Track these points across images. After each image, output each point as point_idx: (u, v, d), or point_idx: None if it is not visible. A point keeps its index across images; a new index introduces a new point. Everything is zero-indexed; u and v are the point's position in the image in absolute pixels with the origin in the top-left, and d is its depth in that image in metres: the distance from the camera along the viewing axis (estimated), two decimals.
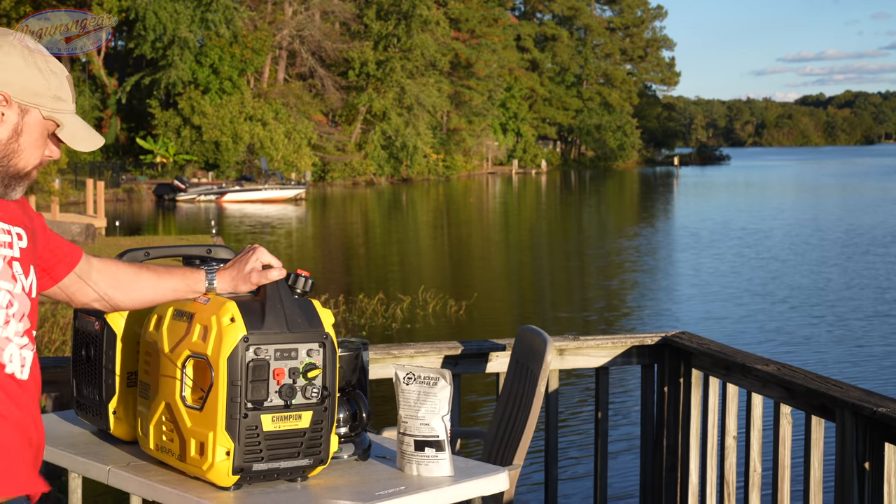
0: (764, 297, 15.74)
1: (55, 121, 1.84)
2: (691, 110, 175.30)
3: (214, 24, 51.57)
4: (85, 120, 13.78)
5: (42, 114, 1.81)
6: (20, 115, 1.79)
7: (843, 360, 11.32)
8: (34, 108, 1.80)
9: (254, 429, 2.07)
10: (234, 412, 2.05)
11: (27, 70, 1.78)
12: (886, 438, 2.72)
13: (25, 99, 1.78)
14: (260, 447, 2.08)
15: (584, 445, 7.81)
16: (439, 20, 61.94)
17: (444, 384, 2.26)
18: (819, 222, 30.04)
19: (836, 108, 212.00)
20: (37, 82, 1.79)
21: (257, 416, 2.07)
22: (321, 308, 2.17)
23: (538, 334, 3.34)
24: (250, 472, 2.09)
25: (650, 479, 3.90)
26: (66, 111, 1.86)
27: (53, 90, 1.82)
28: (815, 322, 13.58)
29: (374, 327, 13.05)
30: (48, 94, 1.81)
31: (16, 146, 1.79)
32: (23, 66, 1.78)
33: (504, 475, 2.27)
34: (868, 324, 13.49)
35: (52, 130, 1.85)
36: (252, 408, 2.07)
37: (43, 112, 1.81)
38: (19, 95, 1.78)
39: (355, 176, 58.00)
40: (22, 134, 1.79)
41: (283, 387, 2.09)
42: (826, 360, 11.25)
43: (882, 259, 20.61)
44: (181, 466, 2.12)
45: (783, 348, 11.83)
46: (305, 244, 26.60)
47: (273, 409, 2.09)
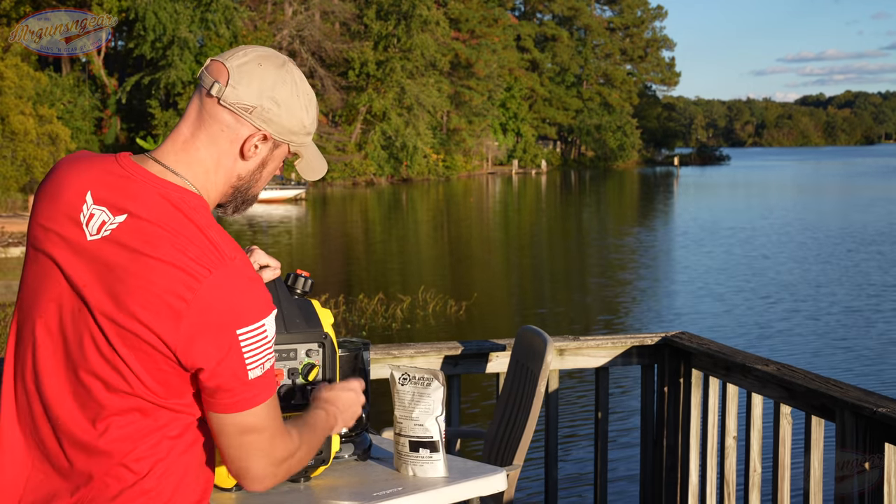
0: (764, 297, 15.74)
1: (298, 153, 1.88)
2: (691, 110, 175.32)
3: (214, 24, 51.59)
4: (85, 120, 13.71)
5: (290, 148, 1.84)
6: (271, 149, 1.81)
7: (844, 360, 11.32)
8: (284, 144, 1.82)
9: None
10: None
11: (293, 111, 1.79)
12: (886, 438, 2.71)
13: (282, 137, 1.80)
14: None
15: (584, 445, 7.80)
16: (439, 20, 61.94)
17: (438, 385, 2.25)
18: (819, 222, 30.03)
19: (836, 108, 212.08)
20: (297, 122, 1.81)
21: None
22: (320, 308, 2.17)
23: (538, 334, 3.34)
24: None
25: (650, 479, 3.90)
26: (309, 143, 1.89)
27: (308, 127, 1.84)
28: (816, 322, 13.58)
29: (374, 327, 13.05)
30: (303, 132, 1.83)
31: (259, 176, 1.82)
32: (291, 106, 1.79)
33: (502, 476, 2.27)
34: (869, 324, 13.49)
35: (289, 158, 1.89)
36: None
37: (291, 147, 1.84)
38: (278, 134, 1.79)
39: (355, 176, 58.02)
40: (267, 165, 1.82)
41: (283, 387, 2.09)
42: (826, 360, 11.25)
43: (880, 259, 20.61)
44: None
45: (783, 348, 11.83)
46: (305, 244, 26.60)
47: None
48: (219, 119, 1.74)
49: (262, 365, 1.65)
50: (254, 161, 1.79)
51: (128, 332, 1.60)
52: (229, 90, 1.73)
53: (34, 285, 1.71)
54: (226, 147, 1.75)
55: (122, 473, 1.64)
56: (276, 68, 1.78)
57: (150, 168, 1.71)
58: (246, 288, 1.64)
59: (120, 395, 1.63)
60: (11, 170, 33.08)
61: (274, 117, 1.77)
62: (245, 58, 1.76)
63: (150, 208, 1.65)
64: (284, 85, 1.78)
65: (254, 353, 1.64)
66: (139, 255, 1.61)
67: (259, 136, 1.76)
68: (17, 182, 33.23)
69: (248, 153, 1.77)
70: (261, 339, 1.64)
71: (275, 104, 1.76)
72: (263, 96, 1.75)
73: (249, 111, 1.74)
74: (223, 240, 1.66)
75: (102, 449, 1.64)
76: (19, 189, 33.12)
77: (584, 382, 9.54)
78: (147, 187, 1.68)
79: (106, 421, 1.64)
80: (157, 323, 1.59)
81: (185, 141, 1.75)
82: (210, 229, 1.66)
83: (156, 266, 1.60)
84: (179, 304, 1.59)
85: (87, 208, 1.67)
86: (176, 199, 1.67)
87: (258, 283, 1.67)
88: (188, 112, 1.76)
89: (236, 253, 1.66)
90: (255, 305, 1.64)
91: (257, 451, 1.69)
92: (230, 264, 1.63)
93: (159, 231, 1.63)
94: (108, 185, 1.69)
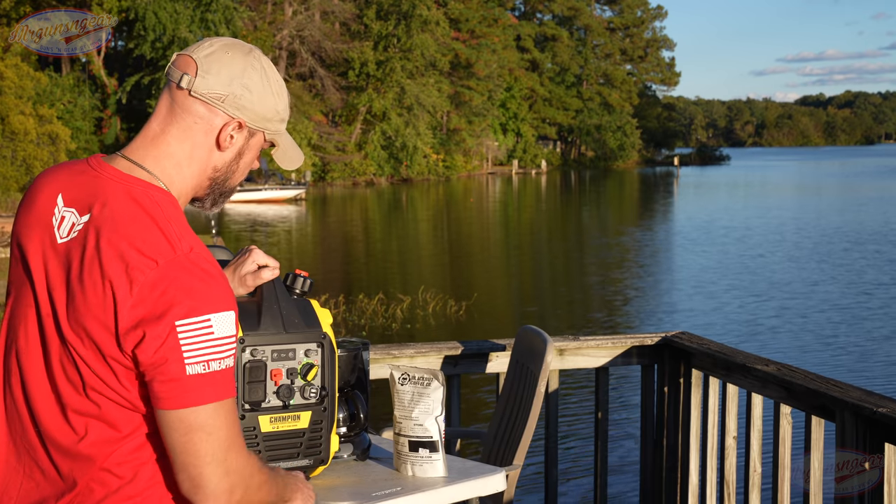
0: (764, 296, 15.74)
1: (274, 141, 1.87)
2: (691, 110, 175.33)
3: (214, 25, 51.56)
4: (85, 120, 13.71)
5: (265, 136, 1.83)
6: (247, 138, 1.80)
7: (844, 360, 11.32)
8: (260, 132, 1.82)
9: (252, 430, 2.07)
10: None
11: (265, 97, 1.79)
12: (886, 438, 2.71)
13: (256, 124, 1.80)
14: (258, 448, 2.07)
15: (584, 446, 7.80)
16: (439, 20, 61.94)
17: (437, 385, 2.25)
18: (819, 222, 30.03)
19: (836, 108, 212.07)
20: (269, 108, 1.80)
21: (255, 417, 2.07)
22: (319, 308, 2.17)
23: (538, 334, 3.34)
24: None
25: (650, 479, 3.89)
26: (284, 132, 1.88)
27: (281, 113, 1.84)
28: (816, 322, 13.58)
29: (374, 327, 13.05)
30: (276, 118, 1.83)
31: (235, 167, 1.81)
32: (263, 92, 1.79)
33: (501, 476, 2.27)
34: (870, 324, 13.49)
35: (265, 147, 1.87)
36: (249, 409, 2.06)
37: (266, 135, 1.83)
38: (252, 121, 1.79)
39: (355, 176, 58.02)
40: (243, 155, 1.81)
41: (281, 387, 2.09)
42: (826, 360, 11.25)
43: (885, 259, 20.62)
44: None
45: (783, 348, 11.82)
46: (305, 244, 26.60)
47: (271, 410, 2.08)
48: (191, 111, 1.73)
49: (204, 363, 1.58)
50: (230, 151, 1.78)
51: (85, 333, 1.59)
52: (199, 80, 1.73)
53: (16, 290, 1.72)
54: (200, 139, 1.75)
55: (106, 478, 1.63)
56: (243, 55, 1.78)
57: (117, 165, 1.71)
58: (194, 280, 1.59)
59: (92, 398, 1.62)
60: (11, 170, 33.08)
61: (247, 104, 1.76)
62: (211, 48, 1.76)
63: (112, 205, 1.64)
64: (254, 71, 1.77)
65: (194, 347, 1.57)
66: (94, 252, 1.60)
67: (234, 124, 1.76)
68: (17, 182, 33.22)
69: (224, 143, 1.76)
70: (203, 335, 1.58)
71: (246, 90, 1.76)
72: (234, 83, 1.74)
73: (222, 99, 1.74)
74: (180, 233, 1.63)
75: (84, 453, 1.63)
76: (19, 189, 33.10)
77: (584, 382, 9.54)
78: (112, 184, 1.67)
79: (84, 425, 1.63)
80: (105, 318, 1.57)
81: (154, 136, 1.74)
82: (169, 222, 1.63)
83: (106, 261, 1.58)
84: (124, 295, 1.56)
85: (58, 211, 1.68)
86: (138, 194, 1.66)
87: (214, 279, 1.62)
88: (158, 108, 1.76)
89: (192, 246, 1.63)
90: (200, 299, 1.59)
91: (208, 455, 1.59)
92: (181, 256, 1.60)
93: (113, 225, 1.61)
94: (77, 185, 1.69)
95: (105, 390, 1.61)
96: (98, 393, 1.61)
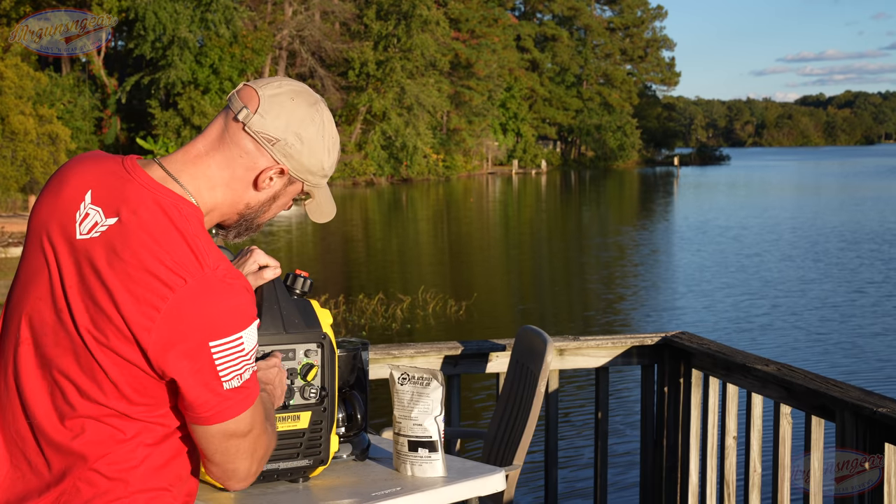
0: (764, 296, 15.74)
1: (311, 193, 1.87)
2: (691, 110, 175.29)
3: (214, 24, 51.57)
4: (85, 120, 13.67)
5: (304, 186, 1.84)
6: (285, 184, 1.80)
7: (844, 360, 11.32)
8: (300, 182, 1.82)
9: None
10: None
11: (315, 151, 1.79)
12: (886, 438, 2.71)
13: (299, 174, 1.79)
14: None
15: (584, 445, 7.80)
16: (439, 20, 61.92)
17: (437, 385, 2.25)
18: (819, 222, 30.03)
19: (836, 108, 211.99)
20: (316, 162, 1.80)
21: None
22: (319, 308, 2.17)
23: (538, 334, 3.34)
24: None
25: (650, 479, 3.89)
26: (324, 185, 1.88)
27: (326, 170, 1.84)
28: (816, 322, 13.58)
29: (374, 328, 13.04)
30: (320, 173, 1.83)
31: (267, 208, 1.81)
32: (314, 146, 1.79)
33: (500, 476, 2.27)
34: (871, 325, 13.49)
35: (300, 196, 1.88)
36: None
37: (305, 186, 1.83)
38: (296, 171, 1.79)
39: (355, 176, 58.02)
40: (278, 199, 1.82)
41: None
42: (826, 360, 11.25)
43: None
44: None
45: (783, 348, 11.83)
46: (305, 244, 26.60)
47: None
48: (239, 144, 1.73)
49: (238, 376, 1.63)
50: (265, 193, 1.78)
51: (104, 338, 1.59)
52: (257, 118, 1.73)
53: (25, 280, 1.70)
54: (240, 173, 1.74)
55: (95, 478, 1.63)
56: (307, 105, 1.78)
57: (152, 173, 1.70)
58: (223, 299, 1.60)
59: (94, 399, 1.61)
60: (11, 170, 33.08)
61: (295, 153, 1.76)
62: (279, 89, 1.76)
63: (141, 213, 1.63)
64: (312, 124, 1.78)
65: (228, 365, 1.61)
66: (118, 260, 1.59)
67: (276, 169, 1.76)
68: (17, 182, 33.22)
69: (262, 184, 1.76)
70: (236, 352, 1.62)
71: (299, 140, 1.76)
72: (289, 131, 1.75)
73: (272, 143, 1.74)
74: (208, 250, 1.63)
75: (76, 451, 1.62)
76: (19, 189, 33.11)
77: (584, 382, 9.54)
78: (143, 191, 1.66)
79: (80, 423, 1.62)
80: (131, 330, 1.57)
81: (197, 155, 1.73)
82: (197, 238, 1.63)
83: (132, 272, 1.58)
84: (152, 312, 1.57)
85: (84, 207, 1.66)
86: (168, 206, 1.65)
87: (240, 295, 1.63)
88: (209, 130, 1.75)
89: (219, 263, 1.63)
90: (231, 317, 1.61)
91: (242, 453, 1.69)
92: (209, 274, 1.60)
93: (142, 236, 1.61)
94: (107, 185, 1.67)
95: (115, 396, 1.62)
96: (103, 397, 1.61)
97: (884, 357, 11.52)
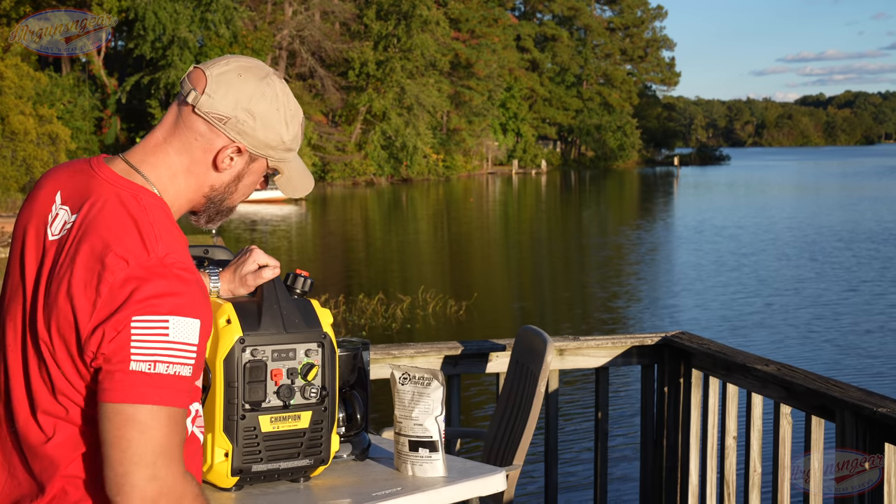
0: (764, 296, 15.74)
1: (277, 168, 1.83)
2: (691, 110, 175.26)
3: (214, 24, 51.58)
4: (85, 120, 13.58)
5: (268, 163, 1.80)
6: (247, 162, 1.77)
7: (844, 360, 11.32)
8: (262, 158, 1.79)
9: (252, 430, 2.07)
10: (232, 413, 2.05)
11: (271, 125, 1.76)
12: (886, 438, 2.71)
13: (258, 150, 1.76)
14: (259, 448, 2.07)
15: (584, 445, 7.80)
16: (439, 20, 61.93)
17: (437, 385, 2.25)
18: (818, 221, 30.03)
19: (836, 108, 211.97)
20: (274, 136, 1.77)
21: (255, 418, 2.07)
22: (320, 308, 2.17)
23: (538, 334, 3.34)
24: (250, 473, 2.08)
25: (650, 479, 3.89)
26: (291, 159, 1.84)
27: (288, 143, 1.80)
28: (816, 322, 13.58)
29: (374, 327, 13.05)
30: (281, 147, 1.79)
31: (234, 189, 1.78)
32: (269, 120, 1.75)
33: (501, 476, 2.27)
34: (871, 325, 13.49)
35: (269, 172, 1.84)
36: (250, 409, 2.06)
37: (270, 162, 1.80)
38: (254, 148, 1.76)
39: (355, 176, 58.02)
40: (243, 178, 1.79)
41: (282, 387, 2.08)
42: (827, 359, 11.25)
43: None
44: None
45: (783, 348, 11.82)
46: (305, 244, 26.60)
47: (271, 410, 2.08)
48: (193, 128, 1.72)
49: (150, 362, 1.53)
50: (228, 173, 1.76)
51: (57, 333, 1.58)
52: (205, 98, 1.71)
53: (9, 286, 1.72)
54: (199, 156, 1.73)
55: (77, 481, 1.61)
56: (257, 80, 1.75)
57: (115, 167, 1.70)
58: (161, 282, 1.56)
59: (60, 401, 1.60)
60: (11, 170, 33.09)
61: (249, 130, 1.73)
62: (226, 67, 1.74)
63: (100, 206, 1.63)
64: (263, 98, 1.74)
65: (143, 344, 1.53)
66: (78, 254, 1.59)
67: (233, 148, 1.73)
68: (17, 182, 33.22)
69: (222, 165, 1.74)
70: (156, 334, 1.54)
71: (250, 116, 1.73)
72: (239, 108, 1.72)
73: (223, 122, 1.72)
74: (161, 238, 1.61)
75: (49, 455, 1.61)
76: (19, 189, 33.11)
77: (584, 382, 9.54)
78: (105, 186, 1.66)
79: (53, 426, 1.61)
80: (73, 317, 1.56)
81: (156, 144, 1.73)
82: (151, 226, 1.61)
83: (86, 263, 1.57)
84: (94, 295, 1.55)
85: (55, 208, 1.68)
86: (126, 197, 1.65)
87: (186, 284, 1.59)
88: (166, 117, 1.75)
89: (170, 252, 1.60)
90: (163, 299, 1.56)
91: (136, 455, 1.52)
92: (154, 260, 1.57)
93: (98, 228, 1.60)
94: (74, 185, 1.69)
95: (72, 393, 1.59)
96: (65, 396, 1.60)
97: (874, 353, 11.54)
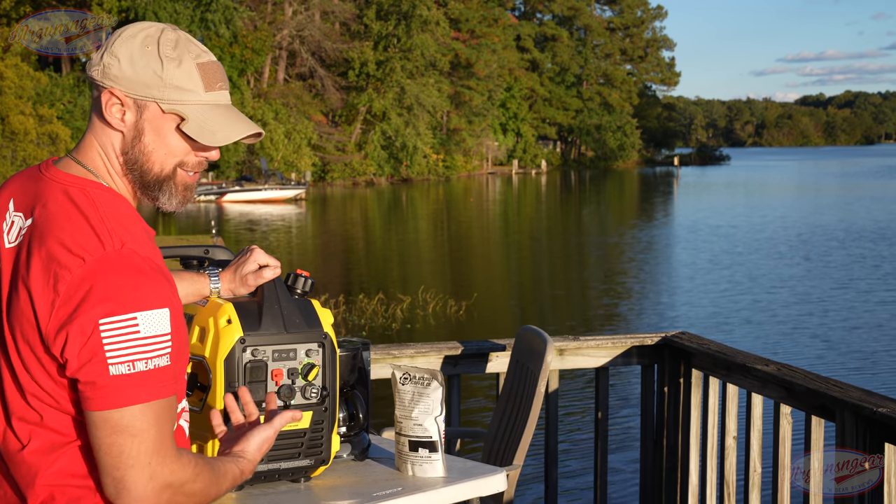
0: (764, 296, 15.74)
1: (178, 114, 1.66)
2: (691, 110, 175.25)
3: (214, 24, 51.56)
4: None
5: (162, 108, 1.65)
6: (137, 112, 1.65)
7: (844, 360, 11.32)
8: (150, 103, 1.64)
9: None
10: None
11: (139, 60, 1.64)
12: (886, 438, 2.71)
13: (136, 92, 1.64)
14: None
15: (584, 445, 7.80)
16: (439, 20, 61.94)
17: (437, 385, 2.25)
18: (816, 221, 30.02)
19: (836, 108, 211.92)
20: (145, 72, 1.63)
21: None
22: (320, 308, 2.17)
23: (538, 334, 3.34)
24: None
25: (650, 479, 3.89)
26: (193, 102, 1.66)
27: (167, 79, 1.64)
28: (816, 321, 13.58)
29: (374, 327, 13.05)
30: (159, 83, 1.64)
31: (140, 146, 1.66)
32: (137, 57, 1.64)
33: (501, 476, 2.27)
34: (872, 325, 13.49)
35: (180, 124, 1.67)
36: None
37: (163, 106, 1.65)
38: (131, 90, 1.64)
39: (355, 176, 58.02)
40: (144, 134, 1.65)
41: (282, 387, 2.08)
42: (826, 359, 11.25)
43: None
44: None
45: (783, 348, 11.83)
46: (305, 244, 26.60)
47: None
48: (93, 98, 1.70)
49: (129, 363, 1.50)
50: (126, 131, 1.66)
51: (22, 337, 1.56)
52: (88, 64, 1.68)
53: None
54: (97, 123, 1.68)
55: (61, 487, 1.59)
56: (133, 30, 1.68)
57: (63, 166, 1.68)
58: (120, 275, 1.52)
59: (33, 405, 1.58)
60: (11, 170, 33.07)
61: (116, 71, 1.64)
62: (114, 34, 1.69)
63: (49, 206, 1.61)
64: (133, 39, 1.66)
65: (117, 347, 1.50)
66: (33, 257, 1.57)
67: (110, 97, 1.65)
68: None
69: (110, 118, 1.65)
70: (127, 334, 1.51)
71: (114, 58, 1.64)
72: (107, 55, 1.65)
73: (99, 73, 1.65)
74: (113, 229, 1.57)
75: (27, 461, 1.59)
76: None
77: (584, 382, 9.54)
78: (52, 185, 1.64)
79: (28, 433, 1.59)
80: (35, 319, 1.54)
81: (88, 132, 1.71)
82: (102, 219, 1.58)
83: (42, 264, 1.55)
84: (52, 296, 1.52)
85: (9, 216, 1.66)
86: (74, 193, 1.62)
87: (144, 275, 1.54)
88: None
89: (125, 241, 1.56)
90: (126, 296, 1.51)
91: (133, 459, 1.52)
92: (110, 252, 1.53)
93: (50, 227, 1.58)
94: (25, 190, 1.67)
95: (44, 397, 1.57)
96: (38, 400, 1.57)
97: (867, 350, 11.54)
